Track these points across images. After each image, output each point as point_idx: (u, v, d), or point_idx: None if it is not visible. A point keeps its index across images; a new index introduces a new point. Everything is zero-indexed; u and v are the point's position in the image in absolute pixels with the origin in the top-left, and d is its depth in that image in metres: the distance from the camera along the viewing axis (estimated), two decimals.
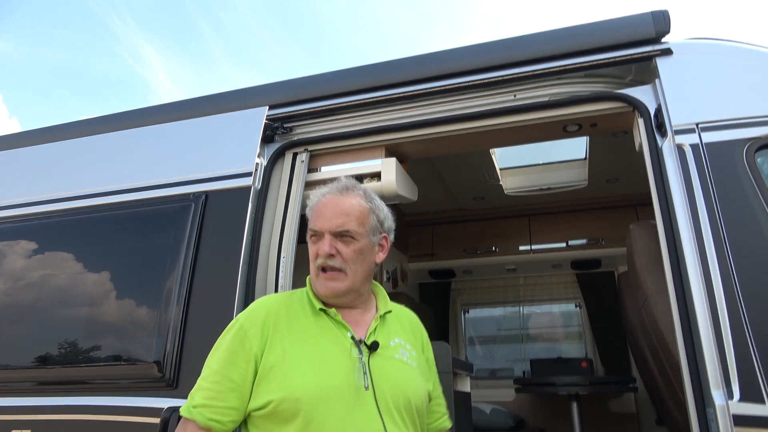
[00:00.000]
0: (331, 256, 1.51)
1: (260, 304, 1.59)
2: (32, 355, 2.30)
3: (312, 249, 1.56)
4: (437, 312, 4.89)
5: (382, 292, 1.70)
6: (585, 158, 3.89)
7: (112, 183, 2.48)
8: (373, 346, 1.50)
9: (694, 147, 1.91)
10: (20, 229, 2.55)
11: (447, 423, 1.74)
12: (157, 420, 1.96)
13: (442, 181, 4.05)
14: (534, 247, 4.51)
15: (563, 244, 4.44)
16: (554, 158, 4.08)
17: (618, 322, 4.31)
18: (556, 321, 5.03)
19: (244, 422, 1.47)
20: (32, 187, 2.64)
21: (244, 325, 1.51)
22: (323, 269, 1.53)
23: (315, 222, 1.56)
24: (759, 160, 1.86)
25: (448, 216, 4.72)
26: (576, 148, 3.92)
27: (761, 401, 1.56)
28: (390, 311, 1.65)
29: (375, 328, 1.56)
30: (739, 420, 1.55)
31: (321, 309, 1.55)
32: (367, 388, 1.43)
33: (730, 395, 1.58)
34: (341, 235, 1.52)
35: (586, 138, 3.65)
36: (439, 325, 4.83)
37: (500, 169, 3.94)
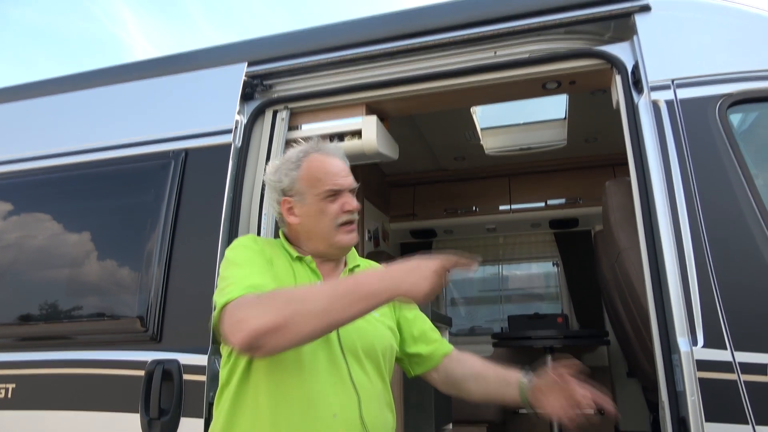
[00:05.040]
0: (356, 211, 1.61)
1: (250, 236, 1.66)
2: (16, 312, 2.31)
3: (331, 207, 1.59)
4: None
5: (351, 249, 1.76)
6: (564, 118, 3.92)
7: (90, 141, 2.44)
8: None
9: (668, 103, 1.94)
10: None
11: (448, 347, 1.78)
12: (141, 372, 2.00)
13: (423, 141, 4.06)
14: (514, 206, 4.57)
15: (542, 204, 4.51)
16: (534, 118, 4.10)
17: (593, 280, 4.44)
18: (534, 279, 5.15)
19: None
20: (6, 145, 2.59)
21: (255, 241, 1.60)
22: (346, 223, 1.59)
23: (335, 180, 1.60)
24: (731, 116, 1.90)
25: (429, 176, 4.74)
26: (556, 108, 3.95)
27: (723, 347, 1.63)
28: (358, 265, 1.73)
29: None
30: (701, 365, 1.62)
31: (298, 257, 1.61)
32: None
33: (694, 342, 1.65)
34: (353, 192, 1.64)
35: (565, 98, 3.67)
36: None
37: (481, 129, 3.95)
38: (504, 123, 4.11)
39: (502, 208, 4.61)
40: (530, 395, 1.58)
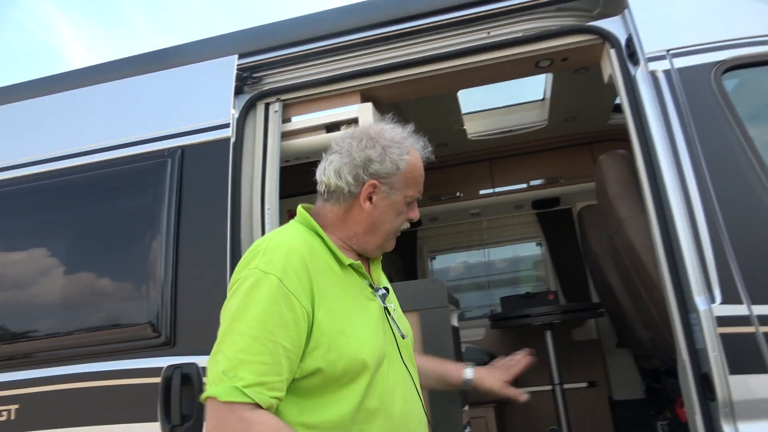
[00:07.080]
0: None
1: (288, 249, 1.29)
2: (16, 327, 2.21)
3: (407, 213, 1.49)
4: (406, 261, 4.98)
5: None
6: (543, 99, 3.98)
7: (81, 144, 2.34)
8: (384, 296, 1.51)
9: (666, 73, 1.99)
10: None
11: None
12: (158, 379, 1.94)
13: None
14: (497, 189, 4.61)
15: (524, 185, 4.56)
16: (514, 101, 4.14)
17: (577, 256, 4.54)
18: (520, 261, 5.22)
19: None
20: None
21: (284, 279, 1.23)
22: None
23: (421, 188, 1.50)
24: (725, 82, 1.97)
25: None
26: (535, 89, 4.00)
27: (739, 302, 1.69)
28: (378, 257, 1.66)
29: (375, 276, 1.56)
30: (721, 321, 1.68)
31: (350, 264, 1.42)
32: (404, 337, 1.52)
33: (711, 300, 1.71)
34: None
35: (545, 79, 3.72)
36: (410, 274, 4.92)
37: (464, 114, 3.97)
38: (485, 107, 4.14)
39: (484, 192, 4.65)
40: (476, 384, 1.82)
